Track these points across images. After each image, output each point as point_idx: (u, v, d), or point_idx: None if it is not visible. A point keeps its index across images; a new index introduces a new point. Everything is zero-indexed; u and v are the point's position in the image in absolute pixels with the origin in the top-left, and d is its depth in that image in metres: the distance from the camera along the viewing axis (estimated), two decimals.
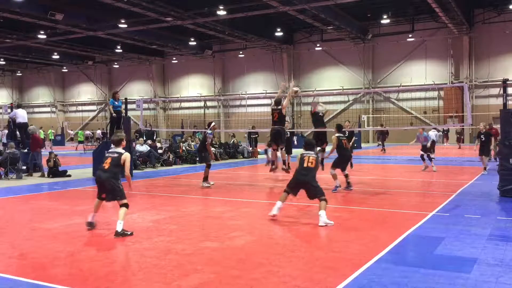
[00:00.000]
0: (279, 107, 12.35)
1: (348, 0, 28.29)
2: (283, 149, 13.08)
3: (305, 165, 8.22)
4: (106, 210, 9.31)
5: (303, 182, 8.21)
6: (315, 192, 8.09)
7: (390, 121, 38.72)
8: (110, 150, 7.70)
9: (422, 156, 16.68)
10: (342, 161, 11.78)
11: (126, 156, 7.49)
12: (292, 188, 8.35)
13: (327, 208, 7.91)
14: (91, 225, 7.58)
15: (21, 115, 17.78)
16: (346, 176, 11.86)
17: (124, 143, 7.78)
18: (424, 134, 16.99)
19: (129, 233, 7.19)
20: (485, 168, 15.41)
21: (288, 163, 13.30)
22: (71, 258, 5.95)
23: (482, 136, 15.60)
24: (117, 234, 7.08)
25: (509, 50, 35.55)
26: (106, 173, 7.40)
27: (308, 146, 8.70)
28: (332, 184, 11.47)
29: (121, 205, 7.33)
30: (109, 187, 7.38)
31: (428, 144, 16.82)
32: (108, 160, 7.46)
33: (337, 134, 11.78)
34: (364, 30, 38.64)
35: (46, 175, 15.69)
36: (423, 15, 36.77)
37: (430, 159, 16.53)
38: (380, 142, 30.32)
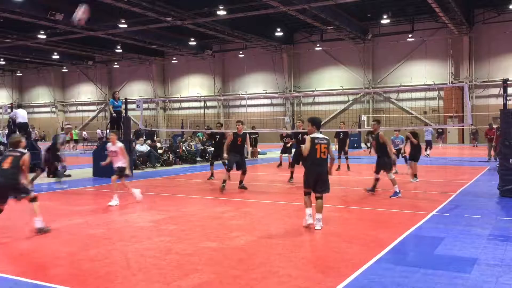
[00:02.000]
0: None
1: (348, 0, 28.29)
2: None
3: (318, 155, 7.45)
4: (105, 211, 9.32)
5: (319, 174, 7.51)
6: (324, 187, 7.54)
7: (390, 121, 38.69)
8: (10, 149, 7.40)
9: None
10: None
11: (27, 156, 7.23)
12: (312, 185, 7.53)
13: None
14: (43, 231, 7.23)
15: (21, 115, 17.69)
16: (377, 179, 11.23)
17: (23, 143, 7.51)
18: (400, 138, 16.59)
19: (47, 228, 7.21)
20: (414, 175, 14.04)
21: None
22: (71, 258, 5.95)
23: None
24: (40, 231, 7.10)
25: (509, 50, 35.55)
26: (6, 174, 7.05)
27: (316, 125, 7.66)
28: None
29: (31, 200, 7.27)
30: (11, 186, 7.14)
31: (402, 148, 16.29)
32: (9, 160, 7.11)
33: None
34: (364, 30, 38.64)
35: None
36: (423, 15, 36.77)
37: (406, 160, 15.65)
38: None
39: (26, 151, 7.34)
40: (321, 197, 7.52)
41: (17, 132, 17.64)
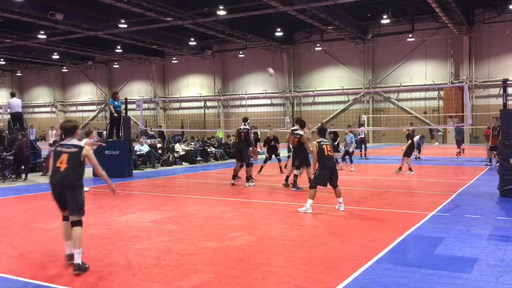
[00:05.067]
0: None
1: (348, 0, 28.29)
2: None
3: (325, 153, 9.00)
4: (105, 211, 9.32)
5: (333, 169, 9.08)
6: (336, 179, 9.12)
7: (390, 121, 38.74)
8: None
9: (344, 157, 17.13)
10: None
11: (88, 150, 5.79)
12: (324, 179, 8.99)
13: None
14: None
15: (16, 104, 16.76)
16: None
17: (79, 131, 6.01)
18: (349, 136, 17.20)
19: (86, 266, 5.48)
20: (410, 169, 15.65)
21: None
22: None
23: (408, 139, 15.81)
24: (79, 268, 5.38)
25: (509, 50, 35.55)
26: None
27: (321, 132, 9.43)
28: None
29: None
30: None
31: (350, 150, 17.05)
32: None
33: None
34: (364, 30, 38.64)
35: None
36: (423, 15, 36.77)
37: (351, 160, 17.00)
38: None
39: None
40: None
41: (12, 123, 17.26)
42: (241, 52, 44.75)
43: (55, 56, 46.59)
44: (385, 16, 34.42)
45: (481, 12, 36.26)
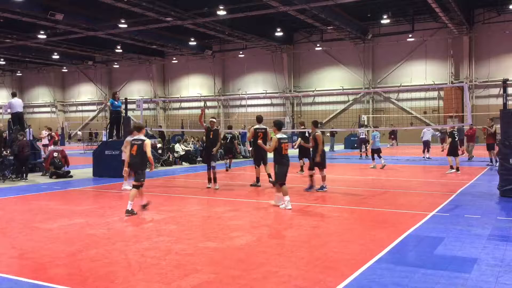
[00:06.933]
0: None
1: (348, 0, 28.30)
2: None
3: (283, 152, 9.38)
4: (105, 211, 9.32)
5: (289, 166, 9.57)
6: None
7: (390, 121, 38.73)
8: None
9: (372, 155, 17.86)
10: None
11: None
12: (283, 175, 9.41)
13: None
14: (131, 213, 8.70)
15: (18, 104, 16.79)
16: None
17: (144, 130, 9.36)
18: (375, 133, 17.97)
19: (135, 212, 8.72)
20: (457, 168, 15.65)
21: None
22: (71, 258, 5.95)
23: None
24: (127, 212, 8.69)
25: (509, 50, 35.56)
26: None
27: (278, 126, 9.60)
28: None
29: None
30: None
31: (375, 147, 17.69)
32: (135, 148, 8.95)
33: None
34: (364, 30, 38.64)
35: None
36: (423, 15, 36.78)
37: (380, 156, 17.66)
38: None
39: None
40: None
41: (12, 122, 17.20)
42: (241, 52, 44.76)
43: (55, 56, 46.61)
44: (385, 16, 34.42)
45: (481, 12, 36.27)
